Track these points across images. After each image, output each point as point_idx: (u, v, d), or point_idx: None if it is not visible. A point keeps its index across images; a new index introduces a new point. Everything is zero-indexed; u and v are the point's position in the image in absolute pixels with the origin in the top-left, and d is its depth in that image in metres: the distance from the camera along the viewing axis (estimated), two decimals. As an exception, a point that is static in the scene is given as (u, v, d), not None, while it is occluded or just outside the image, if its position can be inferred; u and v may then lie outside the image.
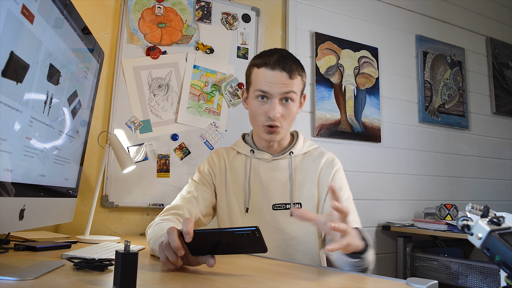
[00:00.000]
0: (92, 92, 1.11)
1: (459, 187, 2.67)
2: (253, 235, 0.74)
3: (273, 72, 1.14)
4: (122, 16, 1.77)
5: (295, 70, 1.16)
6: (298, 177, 1.24)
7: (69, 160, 0.99)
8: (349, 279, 0.84)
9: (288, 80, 1.14)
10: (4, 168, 0.65)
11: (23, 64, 0.67)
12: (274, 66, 1.14)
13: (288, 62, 1.15)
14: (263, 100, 1.16)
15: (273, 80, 1.14)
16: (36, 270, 0.70)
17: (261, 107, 1.17)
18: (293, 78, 1.15)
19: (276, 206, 1.22)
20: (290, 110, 1.17)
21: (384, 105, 2.44)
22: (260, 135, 1.22)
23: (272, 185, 1.24)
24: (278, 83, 1.14)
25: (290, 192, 1.22)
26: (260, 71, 1.17)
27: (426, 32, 2.68)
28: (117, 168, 1.65)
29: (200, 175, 1.28)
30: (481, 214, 0.58)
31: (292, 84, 1.15)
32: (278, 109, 1.14)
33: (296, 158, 1.27)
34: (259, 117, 1.18)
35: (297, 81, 1.17)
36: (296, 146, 1.27)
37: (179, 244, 0.74)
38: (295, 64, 1.17)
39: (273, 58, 1.15)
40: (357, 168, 2.28)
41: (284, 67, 1.14)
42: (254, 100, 1.19)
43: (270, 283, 0.74)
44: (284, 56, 1.17)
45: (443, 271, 2.02)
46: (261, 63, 1.17)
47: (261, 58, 1.18)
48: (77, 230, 1.58)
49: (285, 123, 1.18)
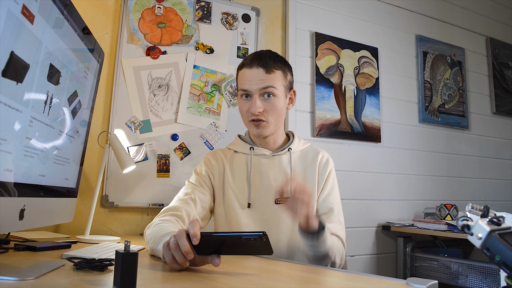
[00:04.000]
0: (92, 92, 1.11)
1: (459, 187, 2.67)
2: (260, 240, 0.74)
3: (250, 70, 1.21)
4: (122, 16, 1.77)
5: (271, 65, 1.21)
6: (298, 172, 1.28)
7: (69, 160, 0.99)
8: (349, 279, 0.84)
9: (265, 76, 1.20)
10: (4, 168, 0.65)
11: (23, 64, 0.67)
12: (251, 64, 1.21)
13: (263, 59, 1.21)
14: (247, 98, 1.23)
15: (251, 77, 1.21)
16: (36, 270, 0.70)
17: (245, 105, 1.24)
18: (270, 73, 1.20)
19: (278, 200, 1.23)
20: (273, 104, 1.22)
21: (384, 105, 2.44)
22: (250, 132, 1.29)
23: (273, 180, 1.26)
24: (256, 80, 1.20)
25: (290, 187, 1.23)
26: (241, 71, 1.25)
27: (426, 32, 2.68)
28: (117, 168, 1.65)
29: (197, 177, 1.28)
30: (481, 214, 0.58)
31: (270, 79, 1.20)
32: (258, 104, 1.20)
33: (295, 155, 1.31)
34: (245, 114, 1.25)
35: (276, 76, 1.22)
36: (293, 144, 1.32)
37: (189, 249, 0.75)
38: (272, 60, 1.22)
39: (250, 57, 1.23)
40: (357, 168, 2.28)
41: (260, 63, 1.20)
42: (240, 99, 1.26)
43: (270, 283, 0.74)
44: (262, 54, 1.24)
45: (443, 271, 2.02)
46: (241, 64, 1.26)
47: (244, 61, 1.26)
48: (77, 230, 1.58)
49: (270, 117, 1.23)
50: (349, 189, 2.22)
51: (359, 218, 2.24)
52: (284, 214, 1.23)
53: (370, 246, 2.27)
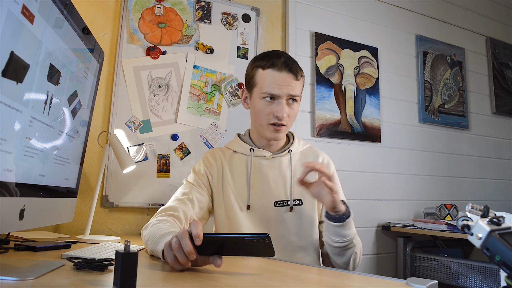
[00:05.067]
0: (92, 92, 1.11)
1: (459, 187, 2.67)
2: (263, 242, 0.74)
3: (280, 73, 1.19)
4: (122, 16, 1.77)
5: (299, 72, 1.22)
6: (298, 175, 1.26)
7: (69, 160, 0.99)
8: (349, 279, 0.84)
9: (294, 82, 1.20)
10: (4, 168, 0.65)
11: (23, 64, 0.67)
12: (281, 68, 1.19)
13: (294, 64, 1.21)
14: (271, 100, 1.20)
15: (282, 82, 1.19)
16: (36, 270, 0.70)
17: (268, 107, 1.21)
18: (298, 79, 1.22)
19: (277, 203, 1.23)
20: (294, 110, 1.24)
21: (384, 105, 2.44)
22: (264, 134, 1.25)
23: (273, 182, 1.25)
24: (286, 85, 1.19)
25: (290, 189, 1.23)
26: (267, 72, 1.20)
27: (426, 32, 2.68)
28: (117, 168, 1.65)
29: (196, 176, 1.27)
30: (481, 214, 0.58)
31: (298, 86, 1.22)
32: (285, 109, 1.19)
33: (295, 156, 1.30)
34: (265, 117, 1.22)
35: (301, 83, 1.24)
36: (293, 145, 1.31)
37: (192, 249, 0.75)
38: (298, 66, 1.24)
39: (281, 60, 1.20)
40: (357, 168, 2.28)
41: (291, 68, 1.19)
42: (260, 100, 1.22)
43: (270, 283, 0.74)
44: (289, 58, 1.23)
45: (443, 271, 2.02)
46: (266, 64, 1.20)
47: (266, 60, 1.22)
48: (77, 230, 1.58)
49: (290, 122, 1.24)
50: (349, 189, 2.21)
51: (359, 218, 2.24)
52: (283, 217, 1.22)
53: (370, 246, 2.28)
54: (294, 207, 1.23)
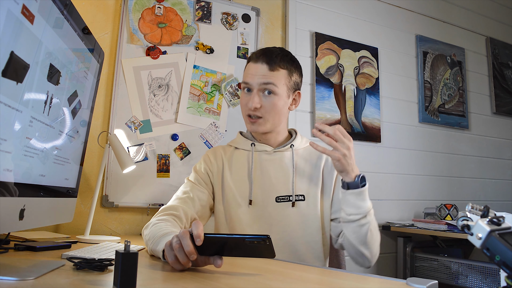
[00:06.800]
0: (92, 92, 1.11)
1: (459, 187, 2.67)
2: (264, 243, 0.74)
3: (255, 64, 1.21)
4: (122, 16, 1.77)
5: (277, 63, 1.20)
6: (300, 170, 1.26)
7: (69, 160, 0.99)
8: (350, 279, 0.84)
9: (267, 72, 1.19)
10: (4, 168, 0.65)
11: (23, 64, 0.67)
12: (257, 59, 1.21)
13: (270, 55, 1.20)
14: (248, 92, 1.23)
15: (253, 71, 1.20)
16: (36, 270, 0.70)
17: (245, 98, 1.23)
18: (274, 70, 1.19)
19: (279, 198, 1.22)
20: (272, 103, 1.20)
21: (384, 105, 2.44)
22: (246, 127, 1.28)
23: (275, 177, 1.24)
24: (258, 74, 1.20)
25: (292, 184, 1.22)
26: (247, 65, 1.25)
27: (426, 32, 2.68)
28: (117, 168, 1.65)
29: (197, 175, 1.27)
30: (481, 214, 0.58)
31: (272, 76, 1.19)
32: (255, 99, 1.19)
33: (297, 152, 1.29)
34: (243, 108, 1.24)
35: (280, 74, 1.20)
36: (296, 141, 1.30)
37: (193, 249, 0.75)
38: (279, 58, 1.21)
39: (258, 52, 1.23)
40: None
41: (265, 59, 1.20)
42: (241, 92, 1.26)
43: (270, 283, 0.74)
44: (270, 50, 1.23)
45: (443, 271, 2.02)
46: (251, 57, 1.25)
47: (254, 53, 1.25)
48: (77, 230, 1.58)
49: (268, 115, 1.21)
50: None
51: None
52: (285, 213, 1.21)
53: (370, 246, 2.27)
54: (296, 202, 1.22)
